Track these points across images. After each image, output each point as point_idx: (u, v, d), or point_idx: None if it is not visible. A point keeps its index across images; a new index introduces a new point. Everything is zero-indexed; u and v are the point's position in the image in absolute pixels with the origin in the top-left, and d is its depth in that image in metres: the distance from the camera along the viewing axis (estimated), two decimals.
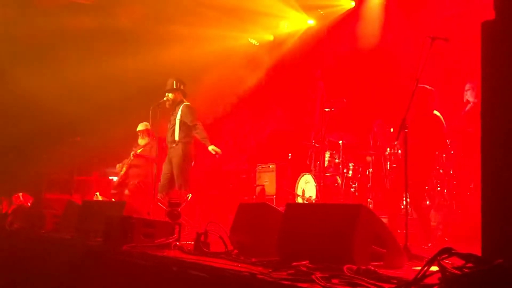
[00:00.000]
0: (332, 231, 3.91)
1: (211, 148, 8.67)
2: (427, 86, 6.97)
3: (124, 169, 10.65)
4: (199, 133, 8.80)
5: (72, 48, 12.24)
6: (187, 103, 9.07)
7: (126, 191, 10.47)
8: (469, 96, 7.80)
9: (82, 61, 12.28)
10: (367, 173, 9.14)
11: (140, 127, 10.73)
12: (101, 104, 12.48)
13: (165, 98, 9.10)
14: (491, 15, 3.03)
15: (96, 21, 11.77)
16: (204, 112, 8.99)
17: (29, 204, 9.76)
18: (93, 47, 12.32)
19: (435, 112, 6.86)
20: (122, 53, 12.27)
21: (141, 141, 10.74)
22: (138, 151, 10.60)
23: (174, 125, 8.97)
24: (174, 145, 8.97)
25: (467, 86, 7.85)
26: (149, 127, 10.55)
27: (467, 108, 7.81)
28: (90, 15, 11.60)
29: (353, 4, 10.90)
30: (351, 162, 9.39)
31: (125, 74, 12.54)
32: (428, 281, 2.80)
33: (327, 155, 9.70)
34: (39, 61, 12.05)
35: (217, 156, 8.71)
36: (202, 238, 5.05)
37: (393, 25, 9.90)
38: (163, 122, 9.26)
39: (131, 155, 10.65)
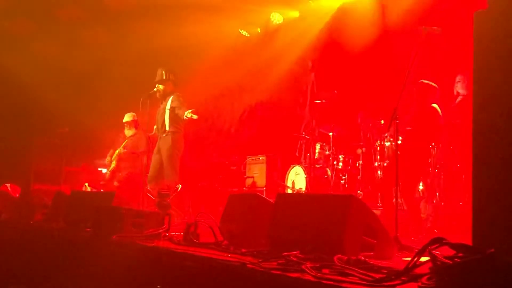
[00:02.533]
0: (323, 221, 3.90)
1: (188, 113, 8.44)
2: (432, 83, 7.00)
3: (114, 162, 10.57)
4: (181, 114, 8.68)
5: (60, 37, 12.14)
6: (177, 93, 9.03)
7: (115, 183, 10.41)
8: (460, 88, 7.82)
9: (70, 50, 12.20)
10: (357, 165, 9.13)
11: (127, 118, 10.63)
12: (90, 94, 12.43)
13: (155, 89, 9.06)
14: (483, 5, 3.02)
15: (85, 9, 11.67)
16: (193, 103, 8.93)
17: (17, 195, 9.69)
18: (82, 36, 12.23)
19: (433, 104, 6.89)
20: (111, 43, 12.20)
21: (128, 132, 10.66)
22: (124, 143, 10.53)
23: (164, 115, 8.93)
24: (163, 135, 8.94)
25: (458, 78, 7.86)
26: (135, 117, 10.49)
27: (458, 100, 7.82)
28: (78, 4, 11.51)
29: None
30: (341, 154, 9.38)
31: (114, 64, 12.49)
32: (419, 271, 2.80)
33: (317, 147, 9.69)
34: (25, 50, 11.94)
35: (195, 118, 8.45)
36: (191, 229, 5.03)
37: (386, 16, 9.87)
38: (153, 112, 9.24)
39: (121, 147, 10.57)
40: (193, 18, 11.71)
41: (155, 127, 9.21)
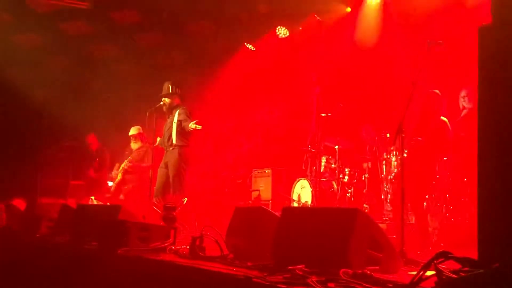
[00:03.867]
0: (328, 235, 3.89)
1: (192, 124, 8.51)
2: (437, 91, 7.00)
3: (120, 175, 10.60)
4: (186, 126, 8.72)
5: (69, 52, 12.22)
6: (184, 106, 9.07)
7: (121, 196, 10.43)
8: (464, 102, 7.82)
9: (78, 65, 12.27)
10: (363, 178, 9.13)
11: (133, 131, 10.69)
12: (98, 108, 12.48)
13: (161, 103, 9.11)
14: (487, 19, 3.03)
15: (93, 25, 11.76)
16: (198, 117, 8.96)
17: (23, 209, 9.71)
18: (91, 51, 12.31)
19: (443, 118, 6.88)
20: (119, 58, 12.27)
21: (134, 145, 10.71)
22: (130, 157, 10.57)
23: (171, 128, 8.97)
24: (170, 148, 8.97)
25: (463, 93, 7.87)
26: (141, 131, 10.54)
27: (463, 114, 7.82)
28: (87, 19, 11.59)
29: (349, 9, 10.90)
30: (347, 168, 9.37)
31: (121, 78, 12.55)
32: (424, 284, 2.79)
33: (323, 160, 9.69)
34: (33, 65, 12.01)
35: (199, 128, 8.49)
36: (197, 242, 5.02)
37: (390, 29, 9.90)
38: (159, 127, 9.28)
39: (126, 161, 10.61)
40: (200, 31, 11.82)
41: (158, 139, 9.25)
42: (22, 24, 11.34)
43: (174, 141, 8.92)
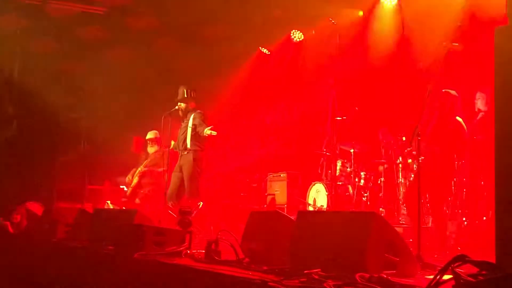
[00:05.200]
0: (345, 239, 3.88)
1: (207, 130, 8.53)
2: (452, 91, 6.94)
3: (136, 179, 10.66)
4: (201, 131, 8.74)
5: (83, 57, 12.29)
6: (199, 110, 9.10)
7: (137, 200, 10.47)
8: (480, 105, 7.76)
9: (94, 70, 12.33)
10: (379, 182, 9.08)
11: (150, 135, 10.79)
12: (113, 112, 12.53)
13: (176, 107, 9.16)
14: (503, 21, 3.01)
15: (108, 30, 11.84)
16: (214, 121, 8.99)
17: (40, 213, 9.77)
18: (105, 56, 12.37)
19: (458, 118, 6.83)
20: (134, 62, 12.32)
21: (151, 149, 10.81)
22: (147, 161, 10.63)
23: (186, 132, 9.00)
24: (185, 152, 8.99)
25: (478, 95, 7.81)
26: (158, 135, 10.60)
27: (479, 117, 7.76)
28: (102, 24, 11.67)
29: (361, 13, 10.89)
30: (362, 171, 9.34)
31: (136, 82, 12.61)
32: None
33: (339, 164, 9.65)
34: (47, 69, 12.08)
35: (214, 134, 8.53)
36: (213, 246, 5.03)
37: (405, 32, 9.86)
38: (174, 131, 9.31)
39: (142, 166, 10.67)
40: (215, 36, 11.85)
41: (172, 142, 9.28)
42: (40, 30, 11.44)
43: (188, 145, 8.94)
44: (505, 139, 2.87)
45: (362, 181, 9.28)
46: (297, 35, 12.19)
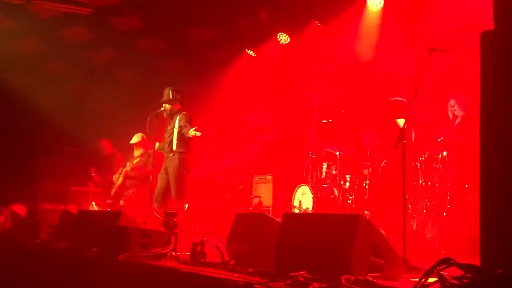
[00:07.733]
0: (330, 241, 3.88)
1: (192, 131, 8.57)
2: (399, 98, 6.99)
3: (121, 179, 10.63)
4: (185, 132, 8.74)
5: (68, 59, 12.24)
6: (184, 112, 9.08)
7: (121, 202, 10.43)
8: (455, 111, 7.75)
9: (78, 71, 12.29)
10: (364, 185, 9.10)
11: (135, 139, 10.76)
12: (98, 114, 12.48)
13: (162, 109, 9.13)
14: (487, 26, 3.04)
15: (93, 31, 11.79)
16: (199, 123, 8.97)
17: (24, 215, 9.70)
18: (90, 58, 12.33)
19: (397, 120, 6.89)
20: (119, 63, 12.29)
21: (136, 152, 10.77)
22: (134, 161, 10.60)
23: (172, 134, 8.98)
24: (171, 154, 8.97)
25: (452, 102, 7.79)
26: (144, 137, 10.56)
27: (457, 121, 7.75)
28: (87, 25, 11.62)
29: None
30: (348, 174, 9.35)
31: (123, 84, 12.57)
32: None
33: (324, 166, 9.66)
34: (34, 71, 12.03)
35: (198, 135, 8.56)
36: (198, 248, 5.01)
37: (391, 36, 9.91)
38: (159, 132, 9.28)
39: (127, 165, 10.64)
40: (201, 37, 11.84)
41: (157, 143, 9.26)
42: (24, 30, 11.37)
43: (174, 147, 8.92)
44: (491, 142, 2.89)
45: (347, 183, 9.29)
46: (283, 38, 12.22)
